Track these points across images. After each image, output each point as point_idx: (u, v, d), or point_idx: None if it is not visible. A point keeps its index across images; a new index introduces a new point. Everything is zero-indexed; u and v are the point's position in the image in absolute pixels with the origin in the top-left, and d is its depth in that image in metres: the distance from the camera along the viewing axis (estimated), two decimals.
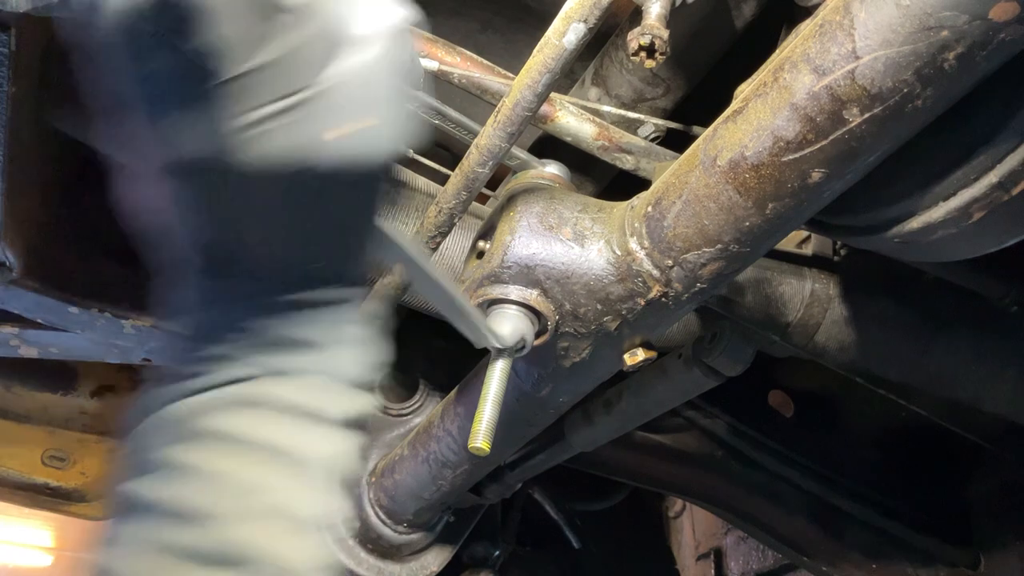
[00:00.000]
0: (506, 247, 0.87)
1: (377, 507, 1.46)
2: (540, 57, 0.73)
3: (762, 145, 0.69)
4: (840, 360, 1.18)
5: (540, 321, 0.89)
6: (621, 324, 0.88)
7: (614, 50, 1.13)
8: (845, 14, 0.61)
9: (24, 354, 1.65)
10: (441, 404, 1.32)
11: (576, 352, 0.94)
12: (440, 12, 1.25)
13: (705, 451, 1.86)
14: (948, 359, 1.17)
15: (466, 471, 1.30)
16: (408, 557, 1.55)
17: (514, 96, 0.75)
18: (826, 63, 0.63)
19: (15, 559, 8.46)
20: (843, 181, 0.70)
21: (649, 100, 1.13)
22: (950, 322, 1.16)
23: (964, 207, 0.72)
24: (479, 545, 1.91)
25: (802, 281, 1.14)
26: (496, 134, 0.78)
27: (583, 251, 0.85)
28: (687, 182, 0.76)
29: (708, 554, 2.84)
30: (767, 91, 0.68)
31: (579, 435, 1.39)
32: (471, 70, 1.06)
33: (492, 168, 0.81)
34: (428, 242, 0.90)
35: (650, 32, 0.77)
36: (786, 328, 1.15)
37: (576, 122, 1.08)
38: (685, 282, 0.81)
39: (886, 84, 0.60)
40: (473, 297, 0.90)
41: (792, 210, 0.72)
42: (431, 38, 1.08)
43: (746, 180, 0.71)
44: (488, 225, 0.94)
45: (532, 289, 0.87)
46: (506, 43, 1.30)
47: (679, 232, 0.78)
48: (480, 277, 0.88)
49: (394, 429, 1.60)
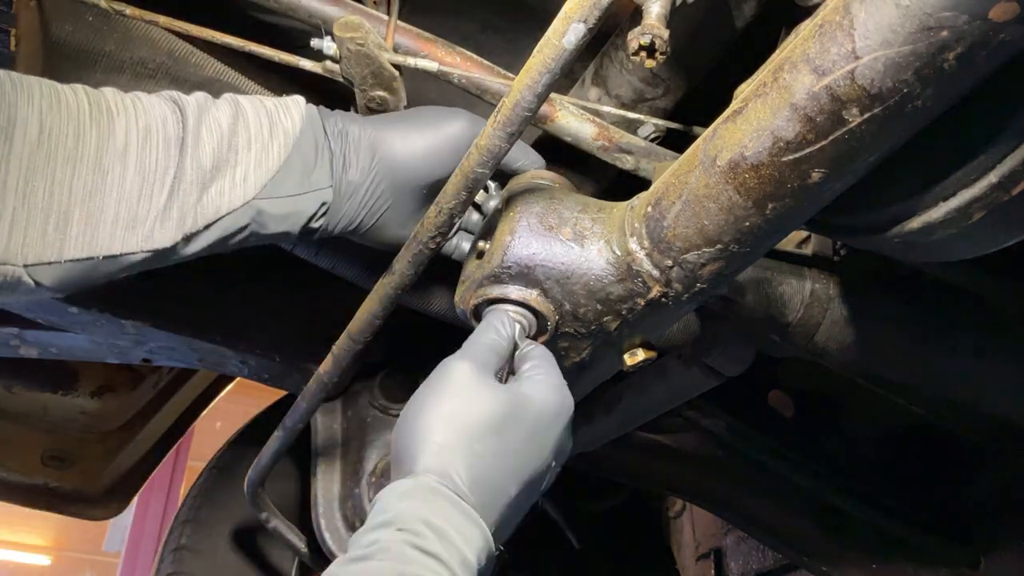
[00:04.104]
0: (506, 247, 0.87)
1: None
2: (540, 57, 0.73)
3: (762, 145, 0.69)
4: (840, 360, 1.18)
5: (540, 321, 0.89)
6: (621, 324, 0.88)
7: (614, 50, 1.13)
8: (845, 14, 0.61)
9: (24, 354, 1.65)
10: None
11: (576, 352, 0.94)
12: (440, 12, 1.25)
13: (705, 451, 1.87)
14: (948, 359, 1.17)
15: None
16: None
17: (514, 96, 0.75)
18: (826, 63, 0.63)
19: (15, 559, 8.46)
20: (843, 181, 0.70)
21: (649, 100, 1.13)
22: (950, 322, 1.16)
23: (964, 207, 0.72)
24: None
25: (802, 281, 1.14)
26: (496, 134, 0.78)
27: (583, 251, 0.85)
28: (687, 182, 0.77)
29: (708, 554, 2.84)
30: (767, 91, 0.68)
31: (579, 435, 1.39)
32: (471, 70, 1.06)
33: (492, 168, 0.81)
34: (428, 242, 0.90)
35: (650, 32, 0.77)
36: (786, 328, 1.15)
37: (576, 122, 1.08)
38: (685, 282, 0.81)
39: (886, 84, 0.60)
40: (473, 297, 0.90)
41: (792, 210, 0.72)
42: (431, 38, 1.08)
43: (746, 180, 0.71)
44: (488, 225, 0.94)
45: (532, 289, 0.87)
46: (506, 43, 1.30)
47: (679, 232, 0.78)
48: (480, 277, 0.89)
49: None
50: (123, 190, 0.80)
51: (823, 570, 1.86)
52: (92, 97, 0.82)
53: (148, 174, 0.81)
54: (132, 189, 0.80)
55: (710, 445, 1.85)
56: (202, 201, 0.84)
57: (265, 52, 1.02)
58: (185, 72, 1.15)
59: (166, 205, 0.82)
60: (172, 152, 0.83)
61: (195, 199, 0.84)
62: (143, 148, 0.82)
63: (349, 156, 0.92)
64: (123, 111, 0.82)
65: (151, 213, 0.82)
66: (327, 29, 1.02)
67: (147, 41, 1.15)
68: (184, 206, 0.83)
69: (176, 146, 0.83)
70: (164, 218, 0.82)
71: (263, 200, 0.87)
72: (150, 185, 0.81)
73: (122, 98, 0.84)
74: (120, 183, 0.80)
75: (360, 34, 1.00)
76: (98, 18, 1.12)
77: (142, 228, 0.81)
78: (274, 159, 0.87)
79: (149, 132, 0.82)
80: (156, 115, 0.84)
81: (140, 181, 0.81)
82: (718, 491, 1.90)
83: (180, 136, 0.83)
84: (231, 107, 0.88)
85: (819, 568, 1.87)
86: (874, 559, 1.82)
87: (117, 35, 1.13)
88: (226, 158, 0.85)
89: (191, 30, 1.01)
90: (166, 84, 1.13)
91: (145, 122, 0.83)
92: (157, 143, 0.82)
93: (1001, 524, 1.69)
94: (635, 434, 1.81)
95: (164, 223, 0.82)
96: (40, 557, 8.65)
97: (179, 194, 0.83)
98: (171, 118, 0.84)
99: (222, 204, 0.85)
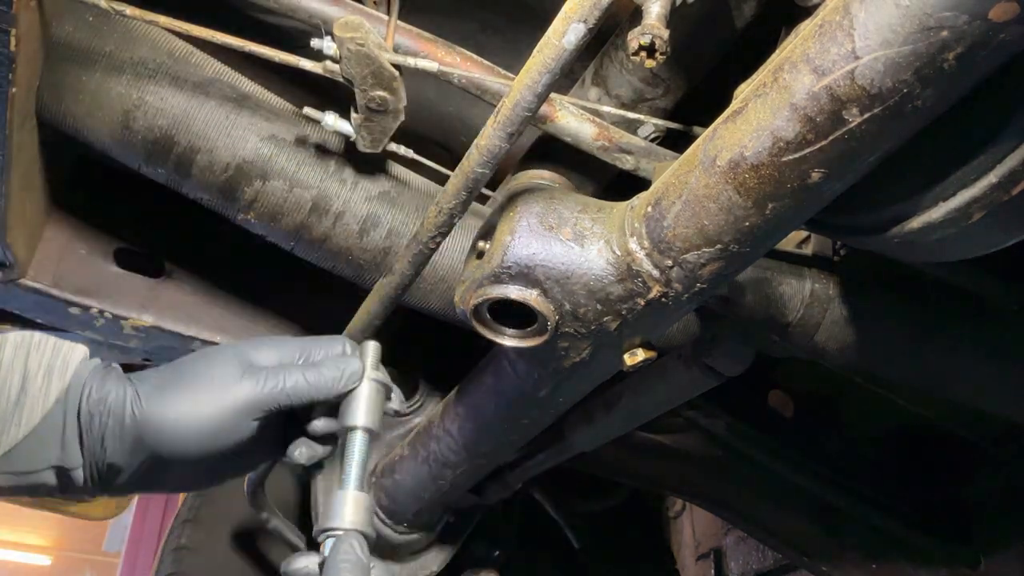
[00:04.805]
0: (506, 247, 0.87)
1: (377, 507, 1.46)
2: (540, 57, 0.73)
3: (762, 145, 0.69)
4: (840, 360, 1.18)
5: (540, 321, 0.89)
6: (621, 324, 0.88)
7: (614, 50, 1.13)
8: (845, 14, 0.61)
9: None
10: (441, 404, 1.32)
11: (576, 352, 0.94)
12: (440, 12, 1.25)
13: (705, 451, 1.87)
14: (948, 359, 1.17)
15: (466, 471, 1.30)
16: (408, 557, 1.55)
17: (514, 96, 0.75)
18: (826, 63, 0.63)
19: (15, 559, 8.46)
20: (843, 181, 0.70)
21: (649, 100, 1.13)
22: (950, 322, 1.16)
23: (964, 207, 0.72)
24: (479, 545, 1.91)
25: (802, 281, 1.14)
26: (496, 134, 0.78)
27: (583, 251, 0.85)
28: (687, 182, 0.77)
29: (708, 554, 2.84)
30: (767, 91, 0.68)
31: (579, 435, 1.39)
32: (471, 70, 1.06)
33: (492, 168, 0.81)
34: (428, 242, 0.90)
35: (650, 32, 0.77)
36: (786, 328, 1.15)
37: (576, 122, 1.08)
38: (685, 282, 0.81)
39: (886, 84, 0.60)
40: (473, 297, 0.90)
41: (792, 210, 0.72)
42: (431, 38, 1.08)
43: (746, 180, 0.71)
44: (488, 225, 0.94)
45: (532, 289, 0.87)
46: (506, 43, 1.30)
47: (679, 232, 0.78)
48: (480, 277, 0.89)
49: (394, 429, 1.60)
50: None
51: (823, 570, 1.86)
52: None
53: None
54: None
55: (710, 445, 1.85)
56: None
57: (265, 52, 1.02)
58: (185, 72, 1.15)
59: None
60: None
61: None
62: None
63: (107, 439, 0.81)
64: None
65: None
66: (327, 29, 1.02)
67: (147, 41, 1.15)
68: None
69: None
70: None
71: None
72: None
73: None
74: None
75: (360, 34, 1.00)
76: (98, 18, 1.12)
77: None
78: (13, 433, 0.78)
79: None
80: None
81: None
82: (718, 491, 1.90)
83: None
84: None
85: (819, 568, 1.87)
86: (874, 559, 1.82)
87: (117, 35, 1.13)
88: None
89: (191, 30, 1.01)
90: (166, 84, 1.13)
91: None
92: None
93: (1001, 524, 1.69)
94: (635, 434, 1.82)
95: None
96: (40, 557, 8.65)
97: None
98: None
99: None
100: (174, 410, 0.81)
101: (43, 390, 0.79)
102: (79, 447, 0.80)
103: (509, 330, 0.93)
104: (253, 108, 1.17)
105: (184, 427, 0.80)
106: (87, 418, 0.80)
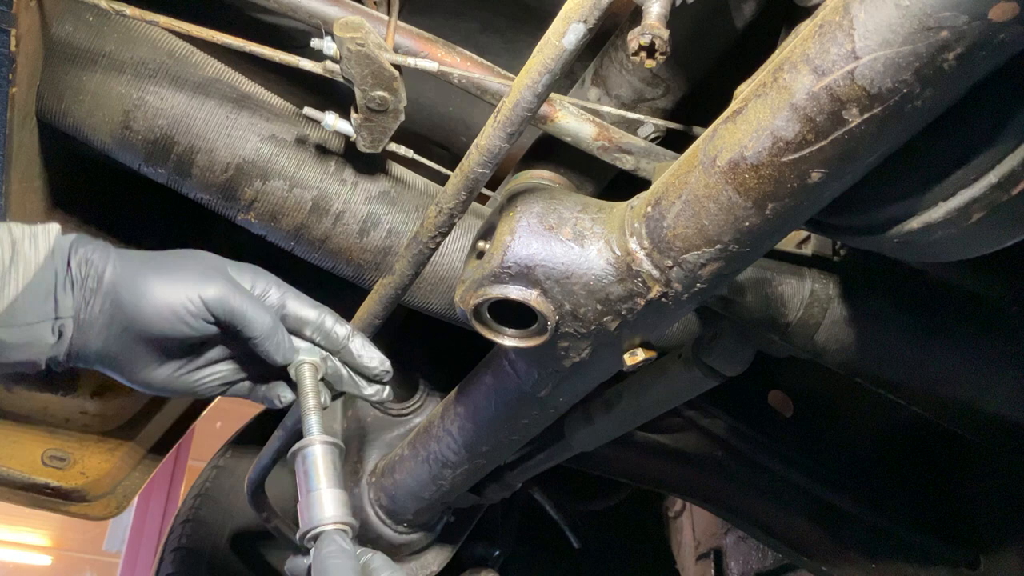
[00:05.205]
0: (506, 247, 0.87)
1: (377, 507, 1.46)
2: (540, 57, 0.73)
3: (762, 145, 0.69)
4: (840, 360, 1.18)
5: (540, 321, 0.89)
6: (621, 324, 0.88)
7: (614, 50, 1.13)
8: (845, 14, 0.61)
9: None
10: (441, 404, 1.32)
11: (576, 352, 0.94)
12: (440, 12, 1.25)
13: (705, 451, 1.87)
14: (948, 359, 1.17)
15: (466, 471, 1.30)
16: (408, 557, 1.55)
17: (514, 96, 0.75)
18: (826, 63, 0.63)
19: (15, 559, 8.46)
20: (843, 181, 0.70)
21: (649, 100, 1.13)
22: (950, 322, 1.16)
23: (964, 207, 0.72)
24: (479, 545, 1.91)
25: (802, 281, 1.14)
26: (496, 134, 0.78)
27: (583, 251, 0.85)
28: (687, 182, 0.77)
29: (708, 554, 2.84)
30: (767, 91, 0.68)
31: (579, 435, 1.39)
32: (471, 70, 1.06)
33: (492, 168, 0.81)
34: (428, 242, 0.90)
35: (650, 32, 0.77)
36: (786, 328, 1.15)
37: (576, 122, 1.08)
38: (685, 282, 0.81)
39: (886, 84, 0.60)
40: (473, 297, 0.90)
41: (792, 210, 0.72)
42: (431, 38, 1.08)
43: (746, 180, 0.71)
44: (488, 225, 0.94)
45: (532, 289, 0.87)
46: (506, 43, 1.30)
47: (679, 232, 0.78)
48: (480, 277, 0.89)
49: (394, 429, 1.60)
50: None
51: (823, 570, 1.86)
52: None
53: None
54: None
55: (710, 445, 1.85)
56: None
57: (265, 52, 1.02)
58: (185, 72, 1.15)
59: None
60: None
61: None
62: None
63: (88, 295, 0.89)
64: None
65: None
66: (327, 29, 1.02)
67: (147, 41, 1.15)
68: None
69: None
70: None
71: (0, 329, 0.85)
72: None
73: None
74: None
75: (360, 34, 1.00)
76: (98, 18, 1.13)
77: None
78: (12, 288, 0.85)
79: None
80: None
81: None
82: (718, 491, 1.90)
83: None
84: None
85: (819, 568, 1.86)
86: (874, 559, 1.82)
87: (117, 35, 1.14)
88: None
89: (191, 30, 1.01)
90: (166, 84, 1.13)
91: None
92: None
93: (1001, 524, 1.69)
94: (635, 434, 1.82)
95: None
96: (40, 557, 8.65)
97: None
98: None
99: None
100: (144, 280, 0.89)
101: (32, 250, 0.86)
102: (71, 298, 0.88)
103: (509, 330, 0.93)
104: (253, 108, 1.17)
105: (151, 297, 0.88)
106: (76, 271, 0.88)
